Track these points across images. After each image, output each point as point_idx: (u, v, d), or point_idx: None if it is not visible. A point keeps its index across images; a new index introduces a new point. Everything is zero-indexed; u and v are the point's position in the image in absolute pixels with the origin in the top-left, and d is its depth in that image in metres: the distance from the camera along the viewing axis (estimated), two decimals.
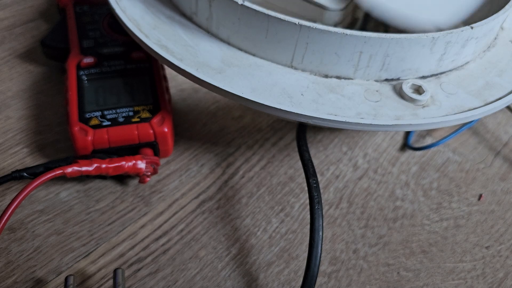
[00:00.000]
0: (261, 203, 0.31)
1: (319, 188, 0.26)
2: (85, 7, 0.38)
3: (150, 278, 0.27)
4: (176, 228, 0.29)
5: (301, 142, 0.29)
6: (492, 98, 0.28)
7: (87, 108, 0.30)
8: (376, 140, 0.36)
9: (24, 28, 0.41)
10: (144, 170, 0.28)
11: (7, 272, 0.26)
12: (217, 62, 0.28)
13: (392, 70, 0.27)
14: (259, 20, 0.26)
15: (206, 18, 0.29)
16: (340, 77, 0.28)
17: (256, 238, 0.29)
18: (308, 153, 0.28)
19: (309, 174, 0.27)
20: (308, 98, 0.26)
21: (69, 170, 0.27)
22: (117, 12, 0.30)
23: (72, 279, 0.24)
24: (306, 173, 0.27)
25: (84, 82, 0.32)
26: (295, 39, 0.26)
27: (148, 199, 0.30)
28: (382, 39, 0.25)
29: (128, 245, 0.28)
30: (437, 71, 0.28)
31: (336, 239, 0.30)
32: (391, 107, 0.26)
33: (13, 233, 0.28)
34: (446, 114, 0.26)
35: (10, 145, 0.32)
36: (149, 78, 0.32)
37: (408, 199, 0.32)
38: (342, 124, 0.25)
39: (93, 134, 0.29)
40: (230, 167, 0.33)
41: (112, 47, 0.34)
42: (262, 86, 0.26)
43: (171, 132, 0.30)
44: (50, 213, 0.29)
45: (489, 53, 0.31)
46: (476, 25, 0.27)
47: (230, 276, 0.27)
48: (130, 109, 0.30)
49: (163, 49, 0.28)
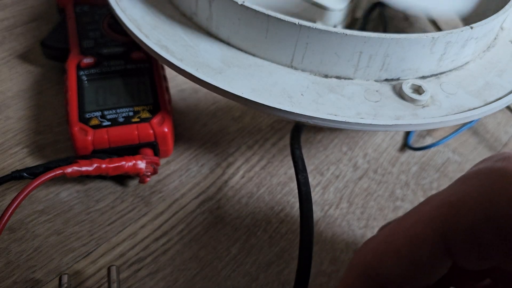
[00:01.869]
0: (261, 203, 0.31)
1: (308, 183, 0.26)
2: (85, 7, 0.37)
3: (150, 278, 0.27)
4: (176, 228, 0.29)
5: (294, 140, 0.29)
6: (492, 98, 0.28)
7: (87, 108, 0.30)
8: (376, 140, 0.36)
9: (24, 28, 0.41)
10: (144, 170, 0.28)
11: (7, 272, 0.26)
12: (217, 62, 0.28)
13: (392, 70, 0.27)
14: (259, 20, 0.26)
15: (206, 18, 0.29)
16: (340, 77, 0.28)
17: (256, 238, 0.29)
18: (300, 150, 0.28)
19: (298, 170, 0.27)
20: (308, 98, 0.26)
21: (69, 170, 0.27)
22: (117, 12, 0.30)
23: (67, 278, 0.24)
24: (296, 169, 0.27)
25: (84, 82, 0.32)
26: (295, 39, 0.26)
27: (148, 199, 0.30)
28: (382, 39, 0.25)
29: (128, 245, 0.28)
30: (437, 71, 0.28)
31: (336, 239, 0.30)
32: (391, 107, 0.26)
33: (13, 233, 0.28)
34: (446, 114, 0.27)
35: (10, 145, 0.32)
36: (149, 78, 0.32)
37: (408, 199, 0.32)
38: (342, 124, 0.25)
39: (93, 134, 0.29)
40: (230, 167, 0.33)
41: (112, 47, 0.34)
42: (262, 86, 0.26)
43: (171, 132, 0.30)
44: (50, 213, 0.29)
45: (489, 53, 0.31)
46: (476, 25, 0.27)
47: (230, 276, 0.27)
48: (130, 109, 0.30)
49: (163, 49, 0.28)
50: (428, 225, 0.17)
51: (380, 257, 0.18)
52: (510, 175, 0.16)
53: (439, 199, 0.18)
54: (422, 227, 0.17)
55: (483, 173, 0.17)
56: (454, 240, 0.16)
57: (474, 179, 0.17)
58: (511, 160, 0.17)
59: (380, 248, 0.18)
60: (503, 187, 0.16)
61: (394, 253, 0.18)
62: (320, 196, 0.32)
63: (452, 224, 0.16)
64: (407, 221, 0.18)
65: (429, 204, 0.18)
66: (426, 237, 0.17)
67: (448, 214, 0.17)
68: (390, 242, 0.18)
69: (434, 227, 0.17)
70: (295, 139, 0.29)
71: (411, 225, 0.18)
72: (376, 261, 0.18)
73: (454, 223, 0.16)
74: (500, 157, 0.17)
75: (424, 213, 0.18)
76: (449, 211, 0.17)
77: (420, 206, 0.18)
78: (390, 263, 0.18)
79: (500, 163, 0.17)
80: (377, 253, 0.18)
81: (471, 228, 0.16)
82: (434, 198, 0.18)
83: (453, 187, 0.18)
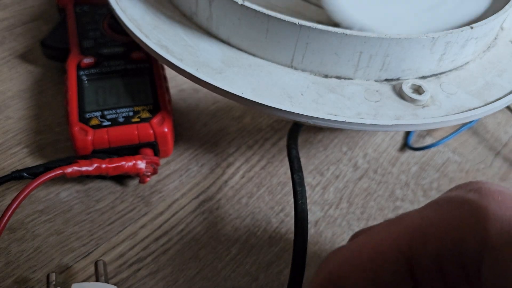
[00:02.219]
0: (261, 203, 0.31)
1: (304, 183, 0.26)
2: (85, 7, 0.37)
3: (150, 278, 0.27)
4: (176, 228, 0.29)
5: (291, 141, 0.29)
6: (492, 98, 0.28)
7: (87, 108, 0.30)
8: (376, 140, 0.36)
9: (24, 28, 0.41)
10: (144, 170, 0.28)
11: (7, 272, 0.26)
12: (217, 62, 0.28)
13: (392, 70, 0.27)
14: (259, 20, 0.26)
15: (206, 18, 0.29)
16: (340, 77, 0.28)
17: (256, 238, 0.29)
18: (296, 150, 0.28)
19: (294, 170, 0.27)
20: (308, 98, 0.26)
21: (69, 170, 0.27)
22: (117, 12, 0.30)
23: (54, 276, 0.24)
24: (292, 169, 0.27)
25: (84, 82, 0.32)
26: (295, 39, 0.26)
27: (148, 199, 0.30)
28: (382, 39, 0.25)
29: (128, 245, 0.28)
30: (437, 71, 0.28)
31: (336, 239, 0.30)
32: (391, 107, 0.26)
33: (13, 233, 0.28)
34: (446, 114, 0.27)
35: (10, 145, 0.32)
36: (149, 78, 0.32)
37: (408, 199, 0.32)
38: (342, 124, 0.25)
39: (93, 134, 0.29)
40: (230, 167, 0.33)
41: (112, 47, 0.34)
42: (262, 86, 0.26)
43: (171, 132, 0.30)
44: (50, 213, 0.29)
45: (489, 53, 0.31)
46: (476, 25, 0.27)
47: (230, 276, 0.27)
48: (130, 109, 0.30)
49: (163, 49, 0.28)
50: (395, 245, 0.17)
51: (345, 270, 0.18)
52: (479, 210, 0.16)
53: (409, 220, 0.18)
54: (389, 247, 0.17)
55: (454, 202, 0.17)
56: (418, 266, 0.16)
57: (445, 207, 0.17)
58: (482, 193, 0.16)
59: (346, 261, 0.18)
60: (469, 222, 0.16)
61: (359, 268, 0.18)
62: (320, 196, 0.32)
63: (418, 249, 0.16)
64: (376, 237, 0.18)
65: (399, 223, 0.18)
66: (391, 257, 0.17)
67: (416, 239, 0.17)
68: (356, 257, 0.18)
69: (401, 249, 0.17)
70: (292, 139, 0.29)
71: (379, 242, 0.18)
72: (341, 273, 0.18)
73: (420, 249, 0.16)
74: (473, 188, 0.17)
75: (393, 232, 0.18)
76: (416, 235, 0.17)
77: (390, 223, 0.18)
78: (354, 278, 0.18)
79: (472, 194, 0.16)
80: (343, 266, 0.18)
81: (436, 257, 0.16)
82: (405, 217, 0.18)
83: (425, 211, 0.18)
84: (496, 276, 0.15)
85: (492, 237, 0.15)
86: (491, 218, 0.15)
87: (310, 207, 0.31)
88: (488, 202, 0.16)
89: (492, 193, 0.16)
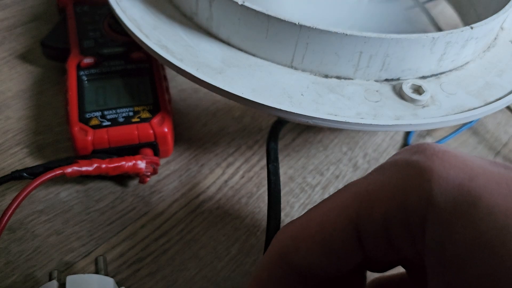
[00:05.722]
0: (261, 203, 0.31)
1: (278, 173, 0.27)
2: (85, 7, 0.38)
3: (150, 278, 0.27)
4: (176, 228, 0.29)
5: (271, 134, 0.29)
6: (492, 98, 0.28)
7: (87, 108, 0.30)
8: (376, 140, 0.36)
9: (24, 28, 0.41)
10: (144, 170, 0.28)
11: (7, 272, 0.26)
12: (217, 62, 0.28)
13: (392, 70, 0.27)
14: (259, 20, 0.26)
15: (206, 18, 0.29)
16: (340, 77, 0.28)
17: (256, 238, 0.29)
18: (275, 143, 0.29)
19: (269, 159, 0.28)
20: (308, 98, 0.26)
21: (69, 170, 0.27)
22: (117, 12, 0.30)
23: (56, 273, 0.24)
24: (268, 158, 0.28)
25: (84, 82, 0.32)
26: (295, 39, 0.26)
27: (148, 199, 0.30)
28: (382, 39, 0.25)
29: (128, 245, 0.28)
30: (437, 71, 0.29)
31: None
32: (391, 107, 0.26)
33: (13, 233, 0.28)
34: (446, 114, 0.27)
35: (10, 145, 0.32)
36: (149, 78, 0.32)
37: None
38: (342, 124, 0.25)
39: (93, 134, 0.29)
40: (230, 167, 0.33)
41: (112, 47, 0.34)
42: (262, 86, 0.26)
43: (171, 132, 0.30)
44: (50, 213, 0.29)
45: (489, 53, 0.31)
46: (476, 25, 0.27)
47: (230, 276, 0.27)
48: (130, 109, 0.30)
49: (163, 49, 0.28)
50: (342, 213, 0.17)
51: (296, 242, 0.18)
52: (423, 171, 0.15)
53: (357, 186, 0.17)
54: (336, 215, 0.17)
55: (399, 165, 0.16)
56: (366, 232, 0.16)
57: (391, 170, 0.17)
58: (427, 153, 0.16)
59: (295, 235, 0.18)
60: (414, 183, 0.15)
61: (308, 240, 0.17)
62: (320, 196, 0.32)
63: (365, 215, 0.16)
64: (324, 207, 0.18)
65: (346, 191, 0.18)
66: (339, 225, 0.17)
67: (362, 204, 0.16)
68: (305, 228, 0.18)
69: (348, 215, 0.16)
70: (273, 133, 0.29)
71: (326, 211, 0.17)
72: (292, 246, 0.18)
73: (368, 215, 0.16)
74: (417, 150, 0.17)
75: (340, 200, 0.17)
76: (363, 201, 0.16)
77: (338, 192, 0.18)
78: (305, 249, 0.17)
79: (417, 156, 0.16)
80: (293, 239, 0.18)
81: (383, 221, 0.16)
82: (352, 185, 0.18)
83: (371, 176, 0.17)
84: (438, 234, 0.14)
85: (435, 196, 0.15)
86: (435, 178, 0.15)
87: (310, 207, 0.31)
88: (433, 162, 0.15)
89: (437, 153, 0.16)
